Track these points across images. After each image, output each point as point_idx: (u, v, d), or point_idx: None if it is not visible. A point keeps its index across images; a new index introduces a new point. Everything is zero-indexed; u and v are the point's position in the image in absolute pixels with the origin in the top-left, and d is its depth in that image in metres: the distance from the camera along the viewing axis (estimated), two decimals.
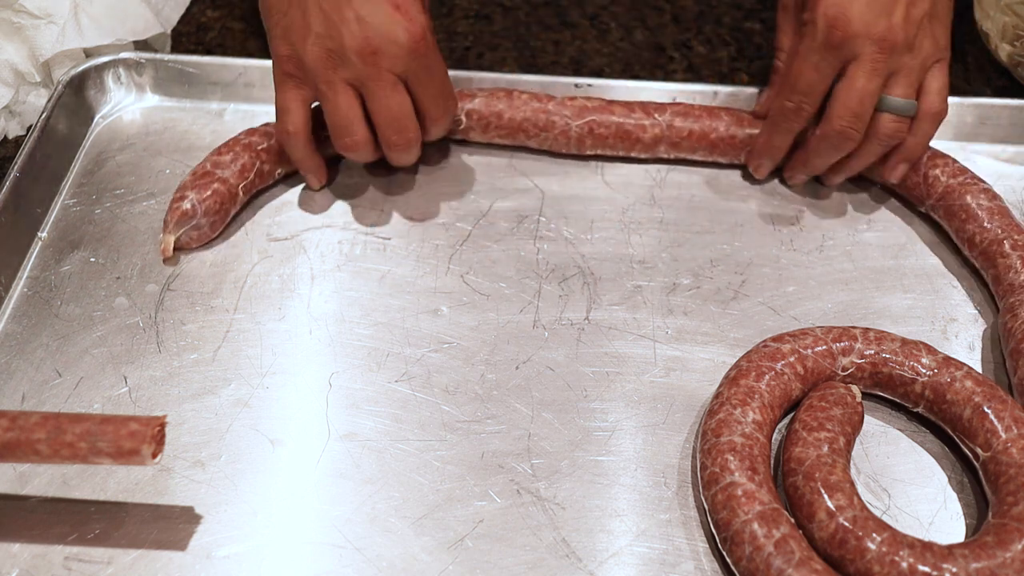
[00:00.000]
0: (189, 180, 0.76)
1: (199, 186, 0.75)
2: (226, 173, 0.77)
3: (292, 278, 0.75)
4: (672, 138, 0.82)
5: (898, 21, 0.72)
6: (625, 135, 0.82)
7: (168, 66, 0.87)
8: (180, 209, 0.75)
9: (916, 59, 0.74)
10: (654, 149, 0.83)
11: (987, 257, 0.74)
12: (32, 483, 0.63)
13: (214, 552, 0.60)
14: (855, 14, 0.72)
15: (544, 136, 0.82)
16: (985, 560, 0.57)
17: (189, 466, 0.64)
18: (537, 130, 0.82)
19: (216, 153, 0.78)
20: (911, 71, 0.74)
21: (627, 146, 0.83)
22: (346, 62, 0.72)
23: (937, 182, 0.78)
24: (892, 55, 0.73)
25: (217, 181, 0.76)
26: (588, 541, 0.62)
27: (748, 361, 0.66)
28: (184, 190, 0.76)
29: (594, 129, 0.82)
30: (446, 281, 0.76)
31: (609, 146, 0.83)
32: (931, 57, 0.75)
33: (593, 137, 0.82)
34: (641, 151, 0.83)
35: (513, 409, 0.68)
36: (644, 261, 0.78)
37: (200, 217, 0.75)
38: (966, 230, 0.76)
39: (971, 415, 0.63)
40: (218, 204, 0.76)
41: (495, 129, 0.83)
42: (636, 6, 1.01)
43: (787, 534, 0.58)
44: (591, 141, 0.82)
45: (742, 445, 0.61)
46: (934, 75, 0.76)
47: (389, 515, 0.62)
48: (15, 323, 0.72)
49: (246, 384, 0.68)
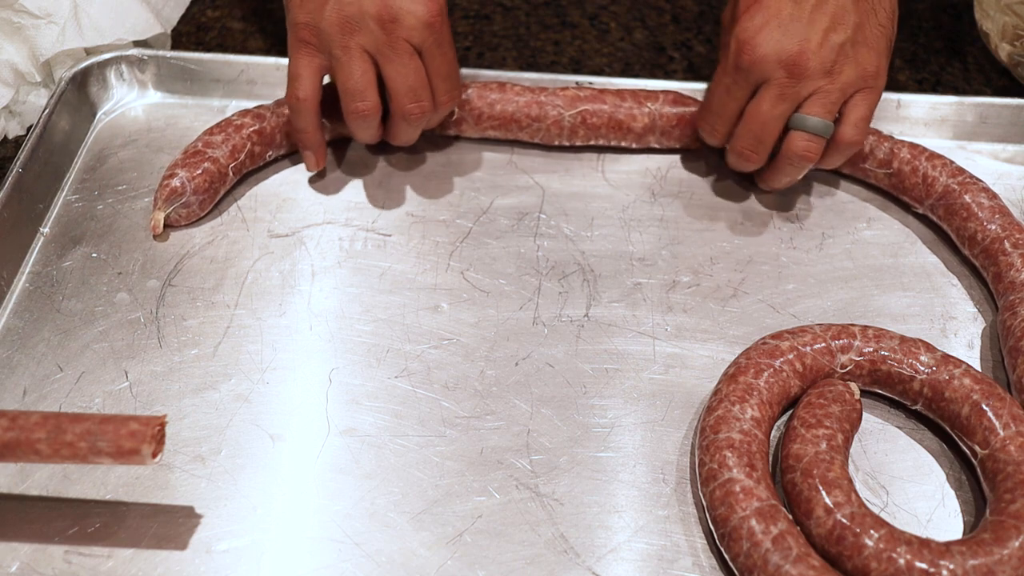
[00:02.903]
0: (180, 159, 0.77)
1: (189, 164, 0.76)
2: (217, 153, 0.78)
3: (293, 274, 0.75)
4: (663, 126, 0.82)
5: (812, 47, 0.72)
6: (617, 125, 0.82)
7: (170, 63, 0.88)
8: (169, 187, 0.76)
9: (835, 84, 0.73)
10: (645, 138, 0.83)
11: (988, 255, 0.75)
12: (33, 478, 0.63)
13: (214, 546, 0.61)
14: (764, 39, 0.72)
15: (537, 127, 0.82)
16: (982, 557, 0.57)
17: (189, 461, 0.64)
18: (530, 120, 0.82)
19: (208, 133, 0.79)
20: (828, 95, 0.73)
21: (619, 136, 0.83)
22: (363, 28, 0.72)
23: (936, 182, 0.78)
24: (803, 80, 0.72)
25: (207, 161, 0.77)
26: (586, 537, 0.62)
27: (747, 358, 0.67)
28: (174, 168, 0.77)
29: (587, 119, 0.82)
30: (446, 278, 0.76)
31: (602, 136, 0.83)
32: (852, 85, 0.74)
33: (586, 127, 0.82)
34: (633, 141, 0.84)
35: (512, 405, 0.68)
36: (644, 258, 0.78)
37: (189, 195, 0.76)
38: (967, 228, 0.76)
39: (969, 412, 0.64)
40: (207, 183, 0.77)
41: (488, 120, 0.83)
42: (636, 6, 1.01)
43: (785, 530, 0.58)
44: (584, 131, 0.83)
45: (740, 442, 0.62)
46: (855, 103, 0.74)
47: (388, 510, 0.63)
48: (17, 318, 0.72)
49: (246, 379, 0.69)
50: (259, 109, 0.81)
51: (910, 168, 0.79)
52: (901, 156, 0.79)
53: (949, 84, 0.93)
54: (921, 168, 0.79)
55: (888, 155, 0.80)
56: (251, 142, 0.79)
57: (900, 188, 0.80)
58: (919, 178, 0.79)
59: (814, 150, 0.75)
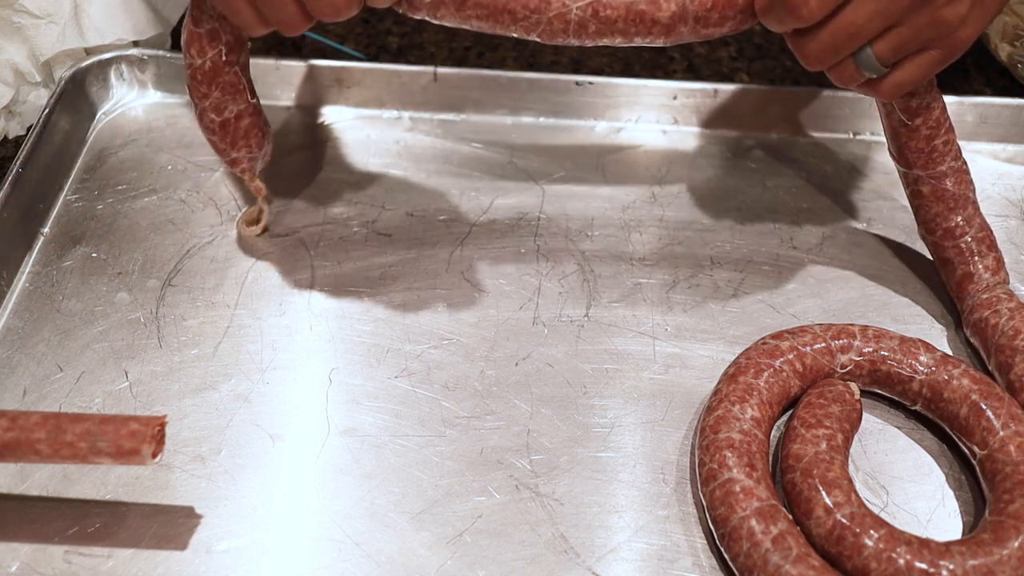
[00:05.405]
0: (218, 141, 0.73)
1: (238, 144, 0.73)
2: (231, 106, 0.71)
3: (293, 274, 0.75)
4: (697, 11, 0.65)
5: None
6: (638, 16, 0.66)
7: (170, 63, 0.88)
8: (253, 168, 0.75)
9: (920, 20, 0.62)
10: (676, 31, 0.67)
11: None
12: (33, 478, 0.63)
13: (214, 546, 0.61)
14: None
15: (535, 19, 0.66)
16: (982, 557, 0.57)
17: (189, 461, 0.64)
18: (527, 12, 0.65)
19: (199, 97, 0.71)
20: (903, 37, 0.62)
21: (641, 29, 0.66)
22: None
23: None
24: (913, 4, 0.61)
25: (230, 118, 0.72)
26: (586, 537, 0.62)
27: (747, 358, 0.67)
28: (225, 152, 0.74)
29: (599, 11, 0.65)
30: (446, 278, 0.76)
31: (619, 31, 0.66)
32: (929, 31, 0.62)
33: (598, 21, 0.66)
34: (660, 35, 0.67)
35: (512, 405, 0.68)
36: (644, 258, 0.78)
37: (267, 146, 0.75)
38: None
39: (968, 413, 0.64)
40: (257, 127, 0.74)
41: (473, 8, 0.66)
42: None
43: (785, 530, 0.58)
44: (596, 26, 0.66)
45: (740, 442, 0.62)
46: (915, 61, 0.65)
47: (388, 510, 0.63)
48: (17, 318, 0.72)
49: (246, 379, 0.69)
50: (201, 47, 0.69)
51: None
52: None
53: (949, 84, 0.93)
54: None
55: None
56: (225, 53, 0.69)
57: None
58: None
59: (854, 82, 0.66)
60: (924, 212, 0.74)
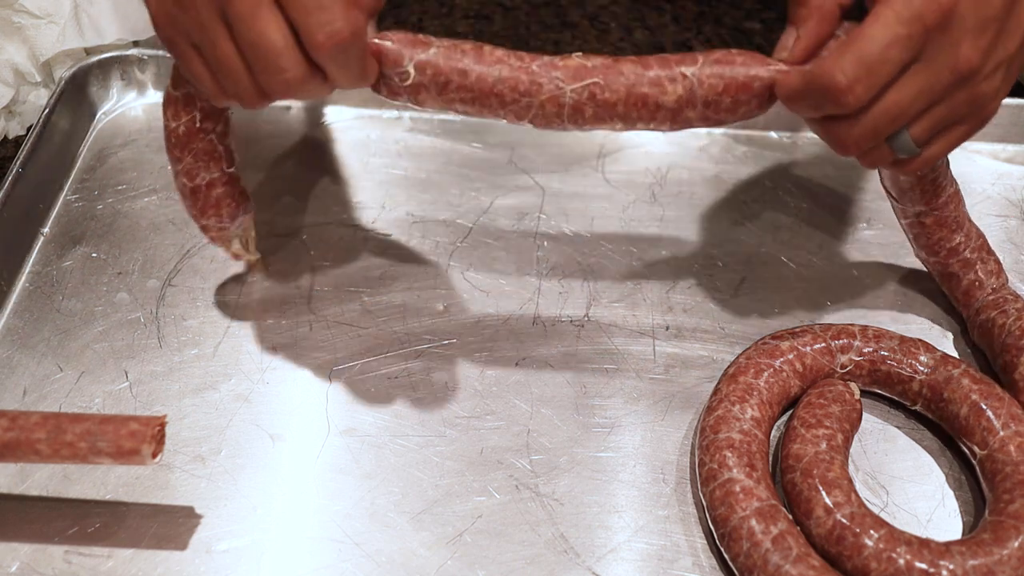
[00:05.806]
0: (189, 206, 0.68)
1: (201, 204, 0.67)
2: (203, 173, 0.66)
3: (292, 274, 0.75)
4: (706, 95, 0.59)
5: (983, 45, 0.56)
6: (640, 100, 0.59)
7: (170, 62, 0.87)
8: (224, 237, 0.70)
9: (959, 97, 0.58)
10: (682, 115, 0.60)
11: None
12: (33, 478, 0.63)
13: (214, 546, 0.61)
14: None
15: (526, 103, 0.59)
16: (982, 557, 0.57)
17: (189, 461, 0.64)
18: (516, 95, 0.58)
19: (179, 170, 0.67)
20: (940, 112, 0.58)
21: (644, 114, 0.60)
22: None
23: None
24: (955, 82, 0.57)
25: (206, 184, 0.67)
26: (586, 537, 0.62)
27: (747, 358, 0.67)
28: (200, 219, 0.68)
29: (596, 94, 0.58)
30: (446, 278, 0.76)
31: (618, 115, 0.59)
32: (965, 108, 0.58)
33: (596, 105, 0.59)
34: (665, 120, 0.60)
35: (512, 405, 0.68)
36: (644, 258, 0.78)
37: (239, 214, 0.69)
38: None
39: (968, 413, 0.64)
40: (231, 196, 0.68)
41: (457, 91, 0.59)
42: (636, 6, 1.01)
43: (784, 530, 0.58)
44: (593, 110, 0.59)
45: (740, 442, 0.62)
46: (946, 137, 0.60)
47: (388, 510, 0.63)
48: (17, 318, 0.72)
49: (246, 379, 0.69)
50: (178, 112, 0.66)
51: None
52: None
53: None
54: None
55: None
56: (203, 127, 0.65)
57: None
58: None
59: (884, 164, 0.61)
60: (926, 239, 0.73)
